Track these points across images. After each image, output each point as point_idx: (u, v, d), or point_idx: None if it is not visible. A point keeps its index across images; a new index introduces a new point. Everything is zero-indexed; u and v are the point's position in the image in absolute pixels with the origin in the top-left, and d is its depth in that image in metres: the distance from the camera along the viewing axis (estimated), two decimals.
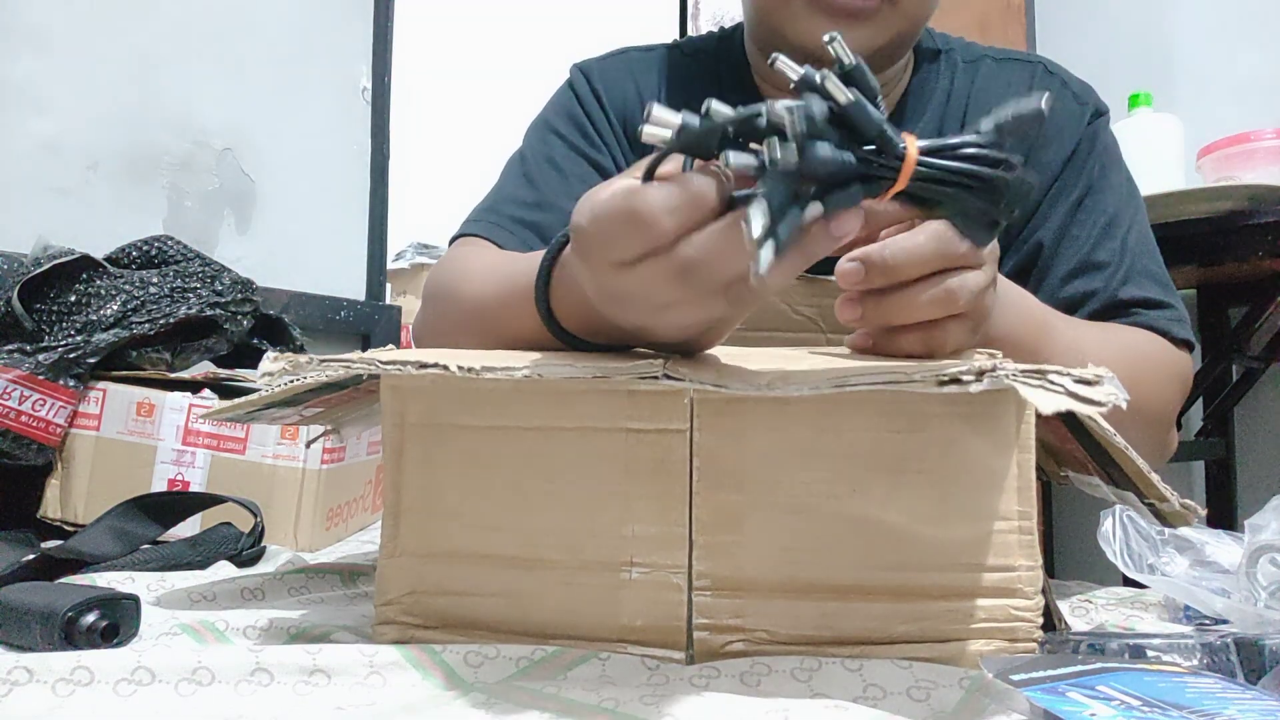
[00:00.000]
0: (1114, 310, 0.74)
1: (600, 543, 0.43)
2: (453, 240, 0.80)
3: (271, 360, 0.42)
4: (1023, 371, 0.36)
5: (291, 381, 0.43)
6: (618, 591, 0.43)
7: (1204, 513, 0.44)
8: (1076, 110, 0.79)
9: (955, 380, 0.36)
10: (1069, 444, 0.49)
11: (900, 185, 0.37)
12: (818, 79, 0.36)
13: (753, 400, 0.41)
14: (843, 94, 0.36)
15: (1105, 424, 0.43)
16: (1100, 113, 0.80)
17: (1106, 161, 0.78)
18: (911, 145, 0.37)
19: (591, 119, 0.83)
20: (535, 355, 0.45)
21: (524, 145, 0.85)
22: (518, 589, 0.44)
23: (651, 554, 0.42)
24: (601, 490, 0.43)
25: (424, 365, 0.40)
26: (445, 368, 0.39)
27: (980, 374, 0.36)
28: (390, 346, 0.51)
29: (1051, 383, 0.35)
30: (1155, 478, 0.42)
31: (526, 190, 0.80)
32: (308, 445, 0.91)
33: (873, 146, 0.36)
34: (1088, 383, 0.35)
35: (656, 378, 0.40)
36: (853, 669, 0.39)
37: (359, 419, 0.61)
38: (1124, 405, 0.34)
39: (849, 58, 0.37)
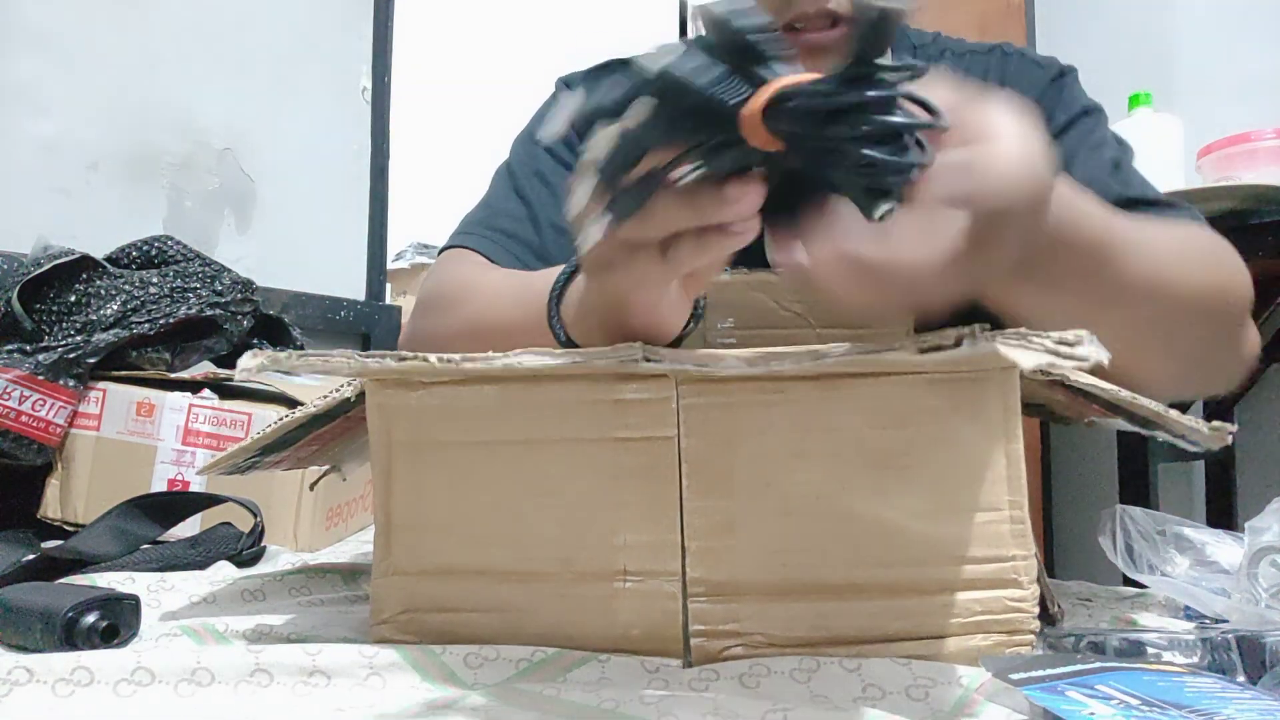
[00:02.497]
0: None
1: (593, 553, 0.43)
2: (442, 250, 0.80)
3: (251, 356, 0.42)
4: (1002, 334, 0.36)
5: (267, 371, 0.42)
6: (612, 601, 0.42)
7: (1234, 428, 0.44)
8: (1038, 74, 0.76)
9: (937, 347, 0.36)
10: (1088, 408, 0.49)
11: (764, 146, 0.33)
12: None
13: (739, 403, 0.41)
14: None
15: (1106, 384, 0.43)
16: (1064, 72, 0.76)
17: (1074, 112, 0.73)
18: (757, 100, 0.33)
19: (577, 133, 0.82)
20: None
21: (511, 159, 0.84)
22: (512, 603, 0.44)
23: (644, 562, 0.42)
24: (591, 501, 0.43)
25: (403, 358, 0.40)
26: (426, 359, 0.39)
27: (959, 339, 0.36)
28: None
29: (1031, 342, 0.35)
30: (1174, 414, 0.43)
31: (517, 204, 0.79)
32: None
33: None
34: (1068, 343, 0.35)
35: (636, 360, 0.39)
36: (851, 669, 0.39)
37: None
38: (1105, 363, 0.34)
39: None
